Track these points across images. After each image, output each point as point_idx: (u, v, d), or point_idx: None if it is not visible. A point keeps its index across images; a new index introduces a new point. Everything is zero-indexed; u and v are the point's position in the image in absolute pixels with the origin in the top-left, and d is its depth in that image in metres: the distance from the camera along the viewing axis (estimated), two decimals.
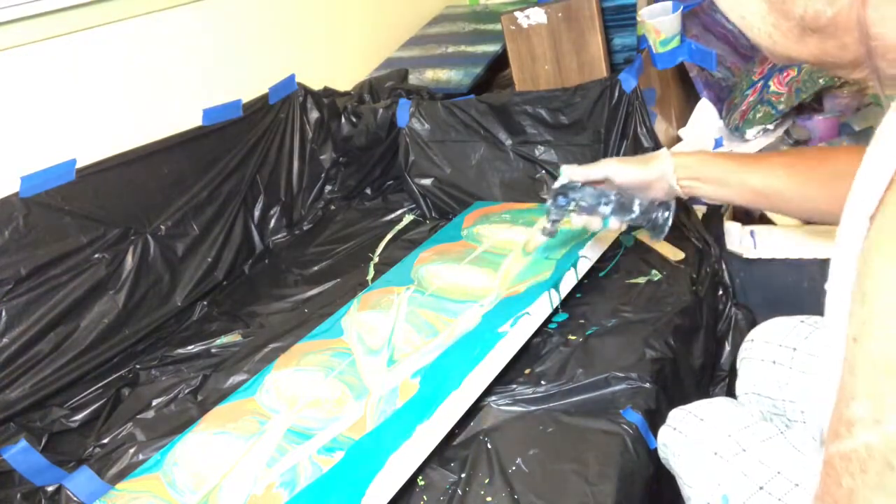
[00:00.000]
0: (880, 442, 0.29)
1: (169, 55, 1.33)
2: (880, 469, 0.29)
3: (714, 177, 0.77)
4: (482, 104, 1.31)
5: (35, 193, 1.07)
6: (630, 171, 0.82)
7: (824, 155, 0.74)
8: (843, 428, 0.30)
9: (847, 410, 0.30)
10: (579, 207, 0.86)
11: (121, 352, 1.13)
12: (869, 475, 0.29)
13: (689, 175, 0.78)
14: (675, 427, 0.69)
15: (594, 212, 0.86)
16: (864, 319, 0.30)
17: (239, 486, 0.78)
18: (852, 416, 0.30)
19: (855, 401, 0.30)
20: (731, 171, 0.76)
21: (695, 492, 0.64)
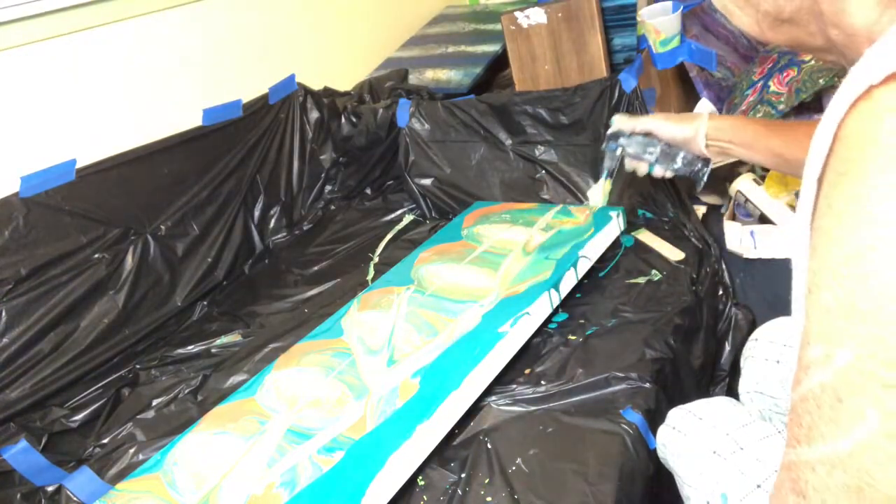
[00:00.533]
0: (831, 377, 0.30)
1: (169, 55, 1.33)
2: (832, 403, 0.30)
3: (744, 140, 0.87)
4: (482, 104, 1.31)
5: (35, 193, 1.07)
6: (670, 127, 0.95)
7: None
8: (802, 373, 0.32)
9: (804, 355, 0.32)
10: (627, 153, 1.00)
11: (121, 352, 1.13)
12: (823, 410, 0.31)
13: (721, 137, 0.89)
14: (673, 426, 0.70)
15: (640, 158, 0.99)
16: (814, 271, 0.32)
17: (239, 486, 0.78)
18: (808, 359, 0.32)
19: (810, 345, 0.32)
20: (759, 136, 0.85)
21: (694, 490, 0.64)
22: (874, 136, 0.30)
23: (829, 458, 0.30)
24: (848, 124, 0.32)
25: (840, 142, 0.32)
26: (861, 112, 0.31)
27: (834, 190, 0.32)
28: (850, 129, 0.32)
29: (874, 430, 0.29)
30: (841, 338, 0.30)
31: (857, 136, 0.31)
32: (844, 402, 0.30)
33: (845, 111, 0.32)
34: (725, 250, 1.10)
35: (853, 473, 0.29)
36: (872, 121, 0.30)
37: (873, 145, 0.30)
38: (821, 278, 0.31)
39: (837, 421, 0.30)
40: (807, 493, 0.31)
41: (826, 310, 0.31)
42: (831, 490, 0.30)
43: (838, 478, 0.30)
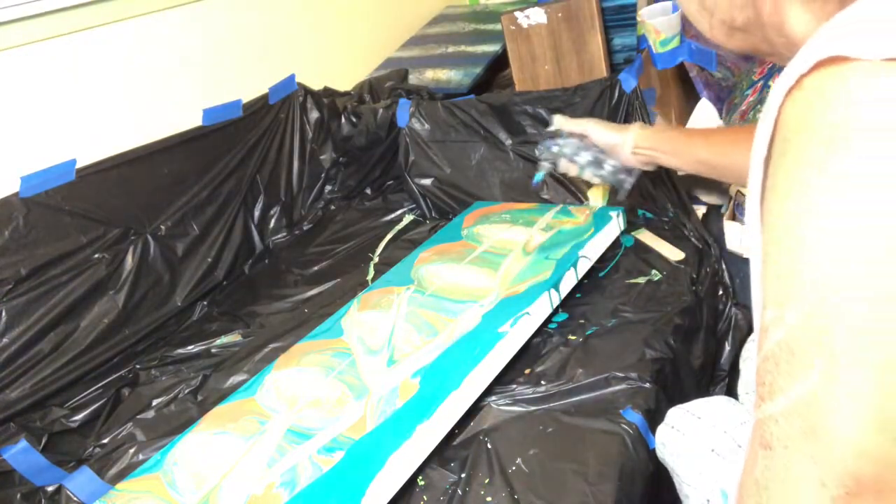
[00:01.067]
0: (784, 335, 0.33)
1: (169, 55, 1.33)
2: (787, 358, 0.33)
3: (668, 149, 0.94)
4: (482, 104, 1.31)
5: (35, 193, 1.07)
6: (602, 132, 1.01)
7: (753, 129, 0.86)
8: (762, 336, 0.35)
9: (763, 321, 0.35)
10: (561, 153, 1.05)
11: (121, 352, 1.13)
12: (780, 366, 0.34)
13: (647, 145, 0.96)
14: (672, 425, 0.70)
15: (573, 160, 1.05)
16: (766, 243, 0.35)
17: (239, 486, 0.78)
18: (765, 323, 0.35)
19: (766, 310, 0.35)
20: (683, 144, 0.94)
21: (693, 489, 0.65)
22: (804, 119, 0.33)
23: (787, 408, 0.33)
24: (784, 111, 0.35)
25: (778, 127, 0.36)
26: (794, 99, 0.35)
27: (776, 170, 0.35)
28: (785, 115, 0.35)
29: (821, 374, 0.32)
30: (789, 299, 0.33)
31: (791, 120, 0.34)
32: (796, 354, 0.33)
33: (782, 100, 0.35)
34: (725, 250, 1.10)
35: (807, 417, 0.32)
36: (803, 105, 0.34)
37: (804, 126, 0.33)
38: (770, 248, 0.35)
39: (792, 373, 0.33)
40: (771, 444, 0.34)
41: (776, 276, 0.34)
42: (791, 437, 0.33)
43: (796, 424, 0.33)
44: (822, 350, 0.32)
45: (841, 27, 0.34)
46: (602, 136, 1.01)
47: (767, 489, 0.34)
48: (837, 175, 0.31)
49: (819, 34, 0.35)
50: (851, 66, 0.32)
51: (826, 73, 0.33)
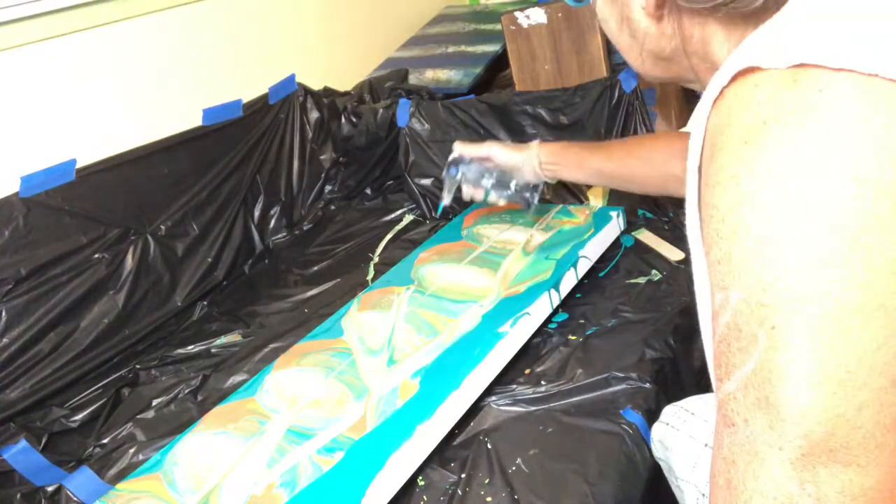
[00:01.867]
0: (731, 316, 0.36)
1: (169, 55, 1.33)
2: (736, 336, 0.36)
3: (570, 161, 0.99)
4: (482, 104, 1.31)
5: (35, 193, 1.07)
6: (506, 153, 1.04)
7: (652, 140, 0.96)
8: (714, 322, 0.38)
9: (713, 306, 0.38)
10: (465, 179, 1.06)
11: (121, 352, 1.13)
12: (731, 344, 0.36)
13: (551, 160, 1.00)
14: (667, 422, 0.70)
15: (478, 184, 1.06)
16: (705, 235, 0.39)
17: (239, 486, 0.78)
18: (715, 308, 0.38)
19: (713, 296, 0.38)
20: (583, 157, 0.98)
21: (687, 484, 0.65)
22: (726, 123, 0.37)
23: (742, 383, 0.36)
24: (710, 119, 0.39)
25: (707, 134, 0.40)
26: (717, 108, 0.39)
27: (708, 171, 0.39)
28: (711, 122, 0.39)
29: (764, 345, 0.34)
30: (729, 280, 0.36)
31: (717, 126, 0.38)
32: (743, 331, 0.36)
33: (709, 110, 0.40)
34: None
35: (760, 388, 0.35)
36: (724, 112, 0.38)
37: (727, 130, 0.37)
38: (709, 239, 0.38)
39: (742, 349, 0.36)
40: (734, 421, 0.36)
41: (717, 262, 0.37)
42: (748, 409, 0.35)
43: (751, 396, 0.35)
44: (762, 322, 0.34)
45: (754, 43, 0.38)
46: (505, 156, 1.03)
47: (735, 463, 0.36)
48: (757, 167, 0.35)
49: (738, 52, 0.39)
50: (762, 74, 0.36)
51: (743, 81, 0.37)
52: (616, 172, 0.96)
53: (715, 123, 0.39)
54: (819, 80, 0.34)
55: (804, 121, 0.34)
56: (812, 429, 0.33)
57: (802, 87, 0.34)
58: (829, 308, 0.32)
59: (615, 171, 0.96)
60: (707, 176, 0.39)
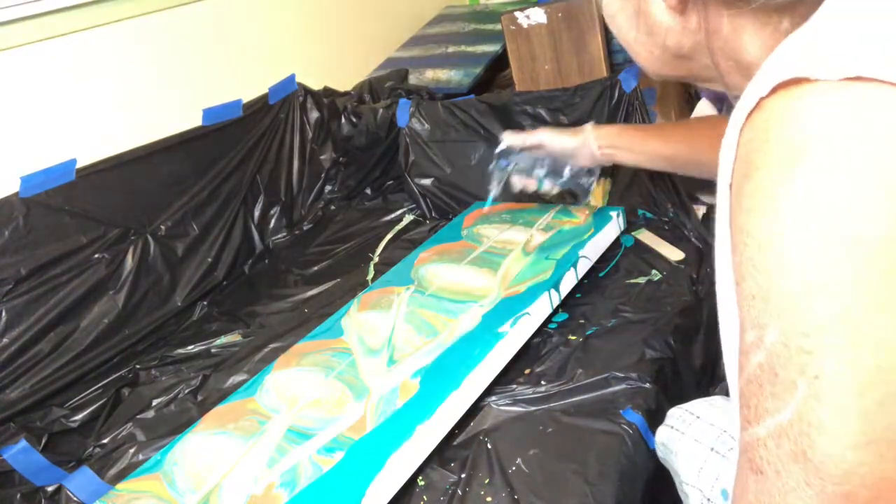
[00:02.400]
0: (765, 357, 0.33)
1: (169, 55, 1.33)
2: (770, 379, 0.33)
3: (626, 145, 0.95)
4: (482, 104, 1.31)
5: (35, 193, 1.07)
6: (559, 138, 0.99)
7: (714, 122, 0.92)
8: (743, 358, 0.35)
9: (742, 342, 0.35)
10: (517, 169, 1.02)
11: (121, 352, 1.13)
12: (764, 387, 0.33)
13: (607, 143, 0.96)
14: (672, 425, 0.70)
15: (530, 174, 1.02)
16: (737, 264, 0.36)
17: (239, 486, 0.78)
18: (745, 345, 0.35)
19: (745, 332, 0.35)
20: (640, 140, 0.94)
21: (692, 488, 0.65)
22: (766, 139, 0.34)
23: (775, 431, 0.33)
24: (745, 133, 0.36)
25: (740, 149, 0.36)
26: (754, 121, 0.35)
27: (741, 191, 0.35)
28: (746, 137, 0.36)
29: (804, 395, 0.31)
30: (766, 319, 0.33)
31: (753, 141, 0.35)
32: (779, 375, 0.32)
33: (742, 123, 0.36)
34: None
35: (795, 439, 0.32)
36: (763, 126, 0.34)
37: (766, 147, 0.34)
38: (743, 269, 0.35)
39: (776, 394, 0.33)
40: (763, 469, 0.33)
41: (751, 296, 0.34)
42: (781, 460, 0.32)
43: (785, 447, 0.32)
44: (803, 369, 0.31)
45: (798, 50, 0.34)
46: (559, 141, 1.00)
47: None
48: (803, 194, 0.31)
49: (776, 57, 0.35)
50: (810, 87, 0.32)
51: (786, 94, 0.33)
52: (677, 155, 0.91)
53: (751, 138, 0.35)
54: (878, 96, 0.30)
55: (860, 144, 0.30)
56: (855, 492, 0.30)
57: (858, 105, 0.31)
58: (883, 361, 0.29)
59: (677, 153, 0.91)
60: (740, 196, 0.35)
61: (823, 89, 0.32)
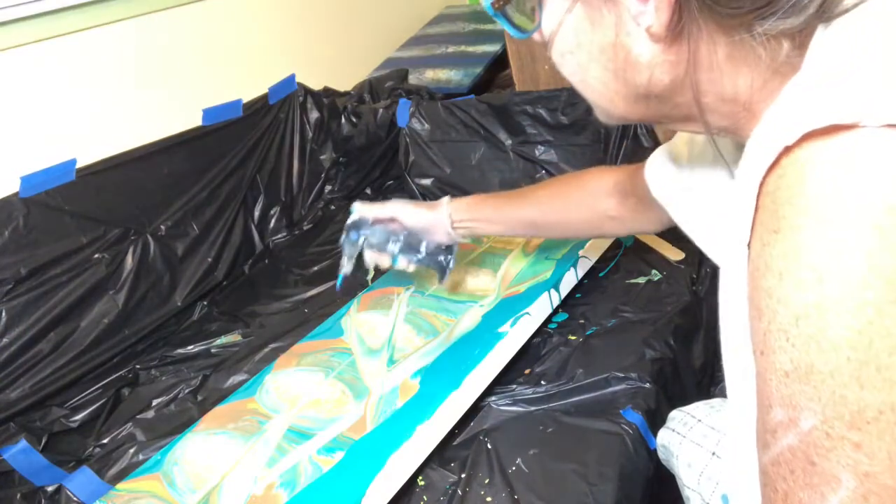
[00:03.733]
0: (799, 442, 0.30)
1: (169, 55, 1.33)
2: (804, 467, 0.30)
3: (484, 216, 0.86)
4: (482, 104, 1.31)
5: (35, 193, 1.07)
6: (414, 212, 0.88)
7: (579, 179, 0.83)
8: (769, 436, 0.32)
9: (768, 419, 0.32)
10: (368, 244, 0.90)
11: (121, 352, 1.13)
12: (797, 475, 0.30)
13: (465, 217, 0.87)
14: (673, 429, 0.70)
15: (383, 249, 0.90)
16: (764, 332, 0.32)
17: (239, 486, 0.78)
18: (773, 423, 0.32)
19: (772, 409, 0.32)
20: (499, 209, 0.86)
21: (694, 493, 0.64)
22: (801, 193, 0.30)
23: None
24: (769, 184, 0.32)
25: (765, 201, 0.32)
26: (784, 172, 0.32)
27: (769, 249, 0.31)
28: (772, 187, 0.32)
29: (851, 492, 0.28)
30: (803, 401, 0.30)
31: (783, 194, 0.31)
32: (817, 465, 0.29)
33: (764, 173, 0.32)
34: None
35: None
36: (797, 179, 0.31)
37: (800, 201, 0.30)
38: (773, 340, 0.31)
39: (813, 486, 0.30)
40: None
41: (783, 373, 0.31)
42: None
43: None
44: (849, 464, 0.28)
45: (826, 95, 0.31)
46: (413, 216, 0.88)
47: None
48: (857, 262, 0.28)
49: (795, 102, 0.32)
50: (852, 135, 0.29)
51: (823, 143, 0.30)
52: (543, 219, 0.84)
53: (780, 190, 0.31)
54: None
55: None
56: None
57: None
58: None
59: (541, 217, 0.84)
60: (766, 257, 0.31)
61: (867, 136, 0.29)
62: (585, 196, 0.80)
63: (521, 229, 0.89)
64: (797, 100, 0.33)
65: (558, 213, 0.83)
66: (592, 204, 0.80)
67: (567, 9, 0.41)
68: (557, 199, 0.83)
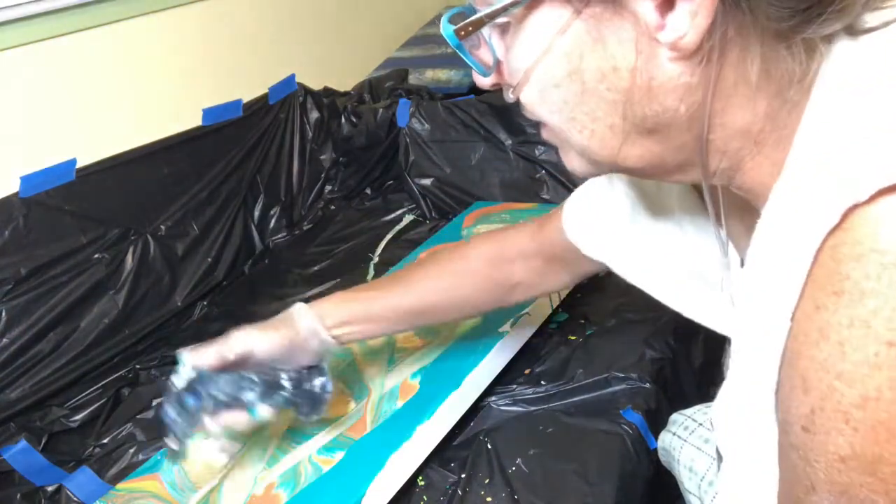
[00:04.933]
0: None
1: (169, 55, 1.33)
2: None
3: (360, 314, 0.71)
4: (482, 104, 1.31)
5: (35, 193, 1.07)
6: (267, 338, 0.68)
7: (457, 252, 0.73)
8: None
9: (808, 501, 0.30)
10: (217, 403, 0.66)
11: (121, 352, 1.13)
12: None
13: (335, 321, 0.70)
14: (674, 432, 0.69)
15: (237, 402, 0.67)
16: (812, 409, 0.29)
17: (239, 486, 0.78)
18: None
19: (815, 492, 0.29)
20: (374, 302, 0.72)
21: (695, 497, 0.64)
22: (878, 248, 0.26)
23: None
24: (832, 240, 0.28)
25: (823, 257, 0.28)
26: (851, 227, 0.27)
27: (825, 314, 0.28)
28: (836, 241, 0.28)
29: None
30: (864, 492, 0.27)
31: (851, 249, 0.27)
32: None
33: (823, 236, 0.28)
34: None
35: None
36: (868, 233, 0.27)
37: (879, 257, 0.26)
38: (826, 420, 0.28)
39: None
40: None
41: (838, 458, 0.28)
42: None
43: None
44: None
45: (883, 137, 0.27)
46: (266, 343, 0.68)
47: None
48: None
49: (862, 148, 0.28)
50: None
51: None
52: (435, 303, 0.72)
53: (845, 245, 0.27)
54: None
55: None
56: None
57: None
58: None
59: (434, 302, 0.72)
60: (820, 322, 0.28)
61: None
62: (474, 267, 0.71)
63: (410, 321, 0.75)
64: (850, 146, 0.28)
65: (448, 292, 0.72)
66: (488, 274, 0.71)
67: (559, 29, 0.34)
68: (442, 278, 0.72)
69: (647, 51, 0.33)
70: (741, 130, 0.35)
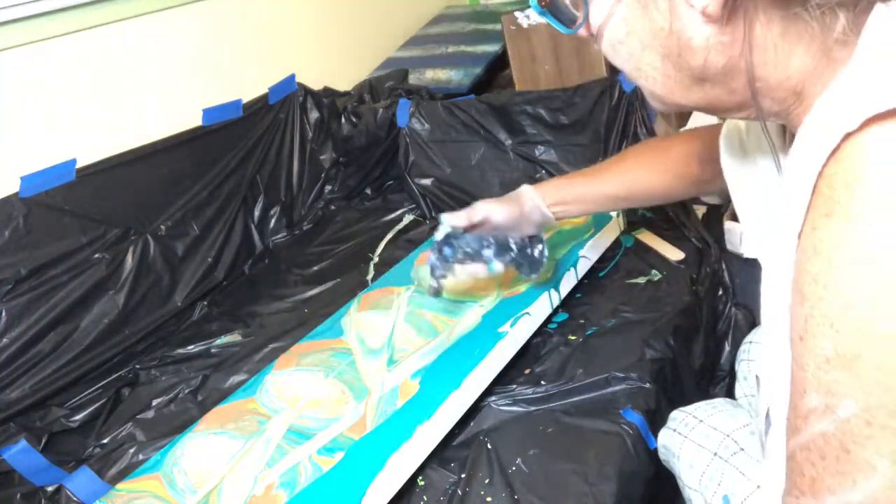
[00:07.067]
0: (835, 429, 0.30)
1: (169, 55, 1.33)
2: (837, 454, 0.30)
3: (574, 196, 0.84)
4: (482, 104, 1.31)
5: (35, 193, 1.07)
6: (501, 208, 0.84)
7: (661, 145, 0.82)
8: (800, 420, 0.32)
9: (801, 404, 0.32)
10: (465, 255, 0.86)
11: (121, 352, 1.13)
12: (828, 461, 0.31)
13: (553, 201, 0.84)
14: (674, 429, 0.70)
15: (478, 257, 0.86)
16: (806, 317, 0.32)
17: (239, 486, 0.78)
18: (806, 408, 0.32)
19: (807, 394, 0.32)
20: (587, 186, 0.84)
21: (695, 493, 0.64)
22: (860, 178, 0.29)
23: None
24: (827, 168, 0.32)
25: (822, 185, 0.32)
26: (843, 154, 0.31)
27: (819, 232, 0.31)
28: (830, 171, 0.31)
29: (886, 479, 0.28)
30: (843, 388, 0.30)
31: (842, 177, 0.31)
32: (852, 453, 0.30)
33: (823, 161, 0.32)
34: (725, 250, 1.10)
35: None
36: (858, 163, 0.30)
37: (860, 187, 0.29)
38: (815, 326, 0.31)
39: (845, 472, 0.30)
40: None
41: (824, 359, 0.30)
42: None
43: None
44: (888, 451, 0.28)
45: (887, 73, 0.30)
46: (502, 212, 0.84)
47: None
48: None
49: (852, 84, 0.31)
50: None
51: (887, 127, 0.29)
52: (631, 190, 0.82)
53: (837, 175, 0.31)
54: None
55: None
56: None
57: None
58: None
59: (630, 189, 0.82)
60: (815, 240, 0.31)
61: None
62: (671, 164, 0.79)
63: (610, 205, 0.88)
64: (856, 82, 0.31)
65: (643, 182, 0.81)
66: (683, 171, 0.78)
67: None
68: (644, 169, 0.81)
69: (685, 15, 0.40)
70: (781, 82, 0.40)
